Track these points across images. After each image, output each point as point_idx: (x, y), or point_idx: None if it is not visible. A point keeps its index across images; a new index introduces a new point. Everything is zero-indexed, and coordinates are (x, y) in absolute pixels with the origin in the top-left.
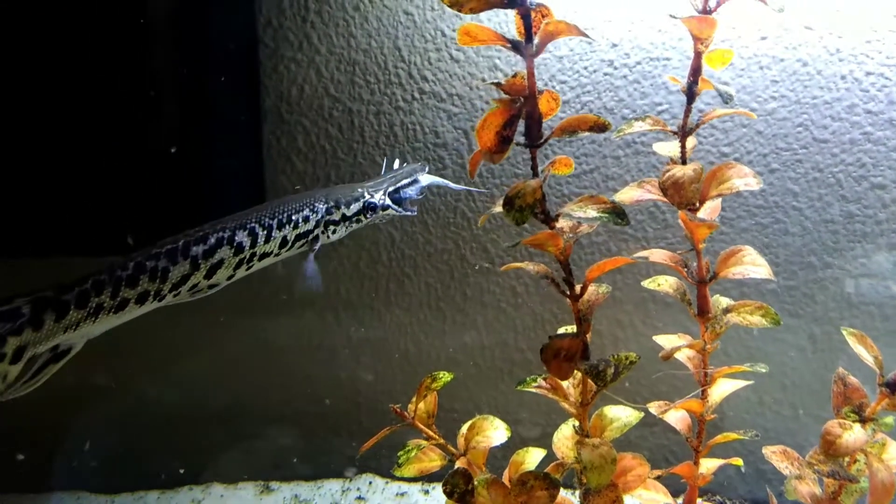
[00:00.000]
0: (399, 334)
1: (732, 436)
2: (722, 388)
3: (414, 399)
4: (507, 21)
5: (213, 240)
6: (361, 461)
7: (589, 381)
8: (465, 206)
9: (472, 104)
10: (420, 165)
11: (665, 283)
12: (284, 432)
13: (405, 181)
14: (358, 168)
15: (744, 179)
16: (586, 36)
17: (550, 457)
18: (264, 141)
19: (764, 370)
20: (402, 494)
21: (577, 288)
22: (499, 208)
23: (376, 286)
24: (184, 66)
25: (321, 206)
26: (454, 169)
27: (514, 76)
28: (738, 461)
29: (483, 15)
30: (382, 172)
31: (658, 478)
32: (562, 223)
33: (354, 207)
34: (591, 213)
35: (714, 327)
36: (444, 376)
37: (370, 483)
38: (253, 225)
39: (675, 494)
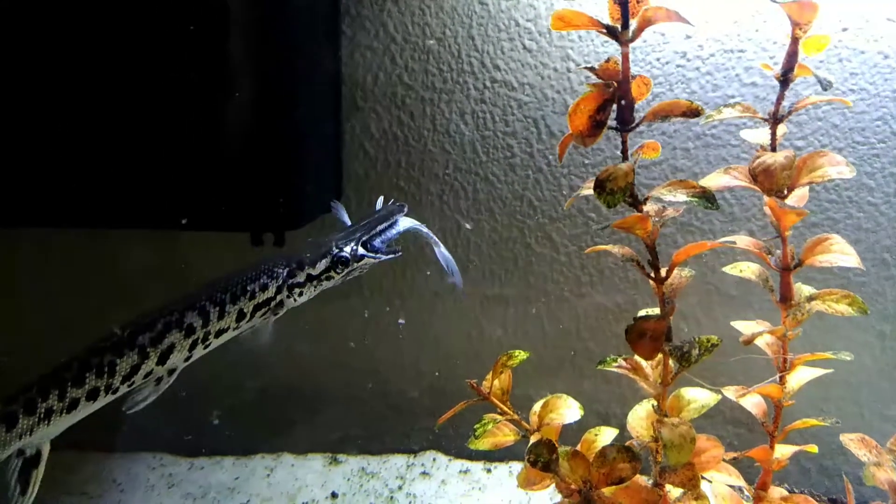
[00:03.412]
0: (461, 320)
1: (811, 422)
2: (801, 376)
3: (490, 376)
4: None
5: (160, 326)
6: (425, 440)
7: (669, 362)
8: (531, 195)
9: (542, 93)
10: (398, 206)
11: (747, 270)
12: (350, 410)
13: (381, 226)
14: (428, 155)
15: (836, 167)
16: (687, 22)
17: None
18: (344, 129)
19: (849, 358)
20: (466, 472)
21: (663, 271)
22: (587, 191)
23: (441, 272)
24: (270, 55)
25: (281, 269)
26: (522, 157)
27: (608, 61)
28: (813, 448)
29: (561, 3)
30: (348, 224)
31: (731, 461)
32: (649, 207)
33: (322, 265)
34: (681, 196)
35: (796, 314)
36: (520, 355)
37: (434, 459)
38: (203, 303)
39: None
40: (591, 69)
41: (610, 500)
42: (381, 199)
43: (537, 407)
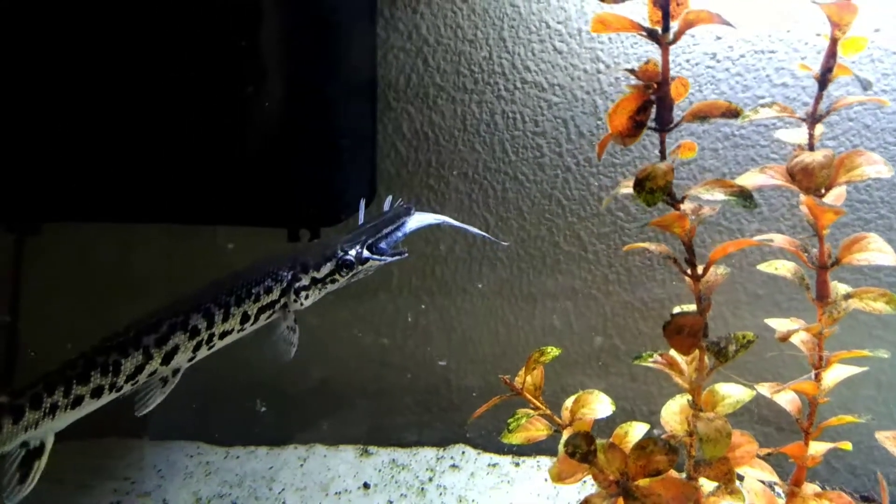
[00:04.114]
0: (490, 316)
1: (847, 418)
2: (836, 373)
3: (522, 371)
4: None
5: (164, 327)
6: (453, 434)
7: (704, 358)
8: (560, 194)
9: (572, 94)
10: (406, 208)
11: (782, 268)
12: (379, 404)
13: (387, 229)
14: (458, 155)
15: (874, 167)
16: (729, 24)
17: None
18: (378, 129)
19: (886, 355)
20: (494, 465)
21: (700, 268)
22: (624, 190)
23: (469, 269)
24: (311, 54)
25: (286, 273)
26: (551, 157)
27: (647, 63)
28: (847, 445)
29: (591, 6)
30: (360, 222)
31: (765, 457)
32: (686, 206)
33: (327, 268)
34: (719, 195)
35: (832, 312)
36: (552, 351)
37: (463, 453)
38: (208, 305)
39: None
40: (631, 71)
41: (648, 490)
42: (388, 200)
43: (569, 402)
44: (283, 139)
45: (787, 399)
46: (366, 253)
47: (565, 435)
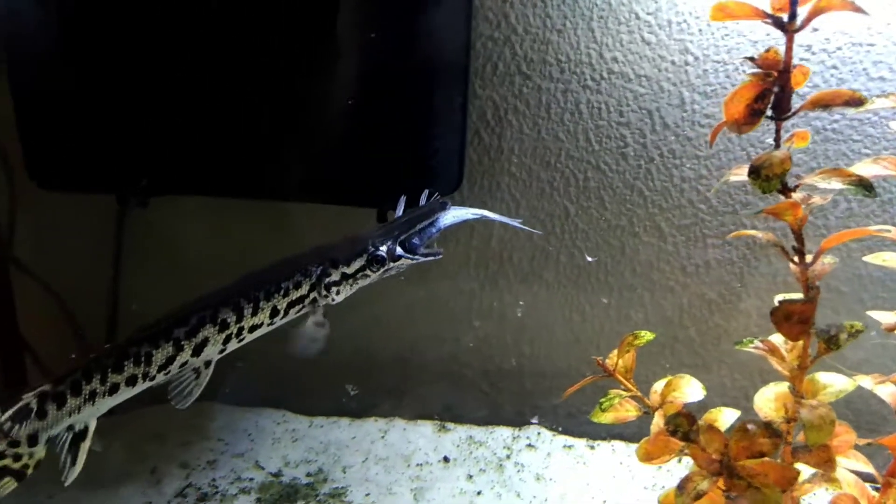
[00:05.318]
0: (566, 304)
1: None
2: None
3: (615, 353)
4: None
5: (194, 320)
6: (526, 418)
7: (808, 346)
8: (642, 184)
9: (658, 86)
10: (441, 203)
11: (891, 259)
12: (455, 384)
13: (421, 224)
14: (541, 143)
15: None
16: (862, 11)
17: None
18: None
19: None
20: (569, 447)
21: (809, 257)
22: (735, 177)
23: (547, 257)
24: (414, 40)
25: (315, 268)
26: (635, 148)
27: (768, 51)
28: None
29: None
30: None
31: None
32: (797, 195)
33: (357, 263)
34: (836, 184)
35: None
36: (646, 335)
37: (539, 434)
38: (238, 299)
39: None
40: (751, 59)
41: (752, 471)
42: (425, 194)
43: (659, 385)
44: (379, 123)
45: (886, 392)
46: (398, 249)
47: (656, 417)
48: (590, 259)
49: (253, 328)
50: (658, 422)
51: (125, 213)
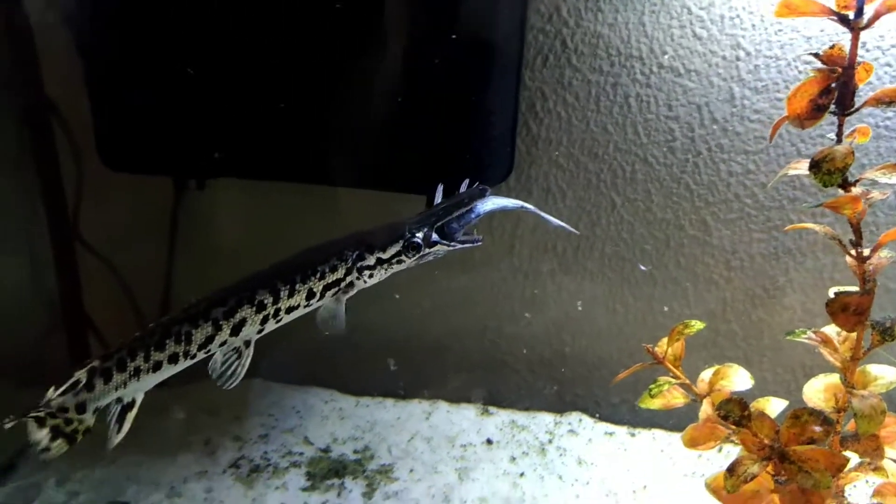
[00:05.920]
0: (609, 295)
1: None
2: None
3: (665, 341)
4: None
5: (232, 301)
6: (568, 404)
7: (862, 337)
8: (689, 178)
9: (708, 81)
10: (481, 190)
11: None
12: (497, 370)
13: (459, 211)
14: (589, 135)
15: None
16: None
17: None
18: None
19: None
20: (611, 434)
21: (866, 251)
22: (793, 171)
23: (591, 247)
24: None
25: (351, 252)
26: (683, 142)
27: (832, 48)
28: None
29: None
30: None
31: None
32: (857, 189)
33: (393, 249)
34: None
35: None
36: (696, 324)
37: (580, 420)
38: (275, 281)
39: None
40: (816, 55)
41: (804, 456)
42: (465, 182)
43: (707, 374)
44: (432, 111)
45: None
46: (435, 236)
47: (704, 404)
48: (643, 268)
49: (290, 309)
50: (706, 409)
51: (182, 196)
